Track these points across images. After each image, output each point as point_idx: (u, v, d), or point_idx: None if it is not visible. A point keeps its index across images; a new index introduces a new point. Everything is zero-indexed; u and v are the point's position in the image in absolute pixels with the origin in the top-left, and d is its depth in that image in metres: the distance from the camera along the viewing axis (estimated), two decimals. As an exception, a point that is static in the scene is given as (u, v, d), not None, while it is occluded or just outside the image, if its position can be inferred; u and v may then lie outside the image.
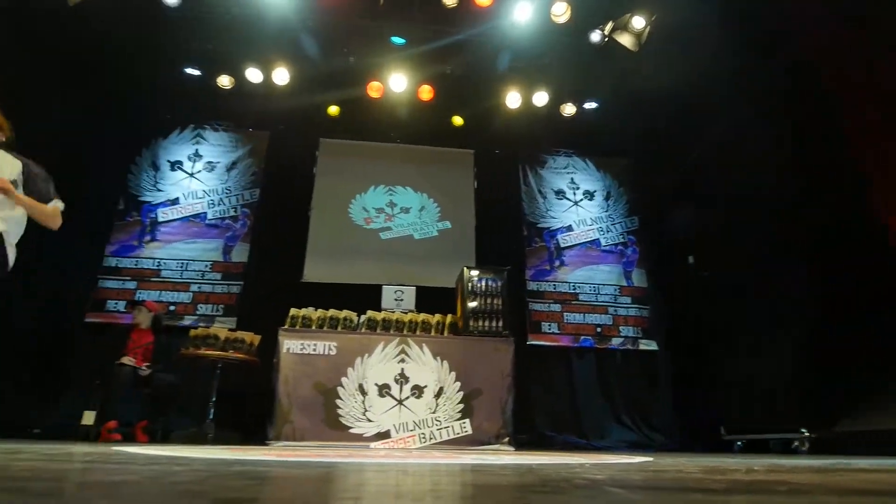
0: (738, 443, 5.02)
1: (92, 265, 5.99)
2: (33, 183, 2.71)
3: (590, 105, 6.92)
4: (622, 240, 7.00)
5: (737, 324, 5.47)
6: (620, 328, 6.48)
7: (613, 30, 5.96)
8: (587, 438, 5.84)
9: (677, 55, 5.67)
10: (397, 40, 6.12)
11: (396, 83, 6.39)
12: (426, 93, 6.62)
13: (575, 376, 6.24)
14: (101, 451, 2.18)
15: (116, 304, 5.86)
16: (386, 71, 6.38)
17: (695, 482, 1.06)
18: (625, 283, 6.74)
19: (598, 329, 6.45)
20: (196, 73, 6.34)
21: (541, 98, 6.66)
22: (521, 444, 4.78)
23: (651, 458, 2.70)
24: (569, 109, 6.90)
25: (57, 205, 2.77)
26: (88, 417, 4.43)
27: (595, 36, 6.00)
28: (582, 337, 6.41)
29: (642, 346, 6.43)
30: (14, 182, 2.67)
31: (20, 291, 5.63)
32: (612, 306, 6.59)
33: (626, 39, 5.97)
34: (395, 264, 6.45)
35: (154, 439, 4.62)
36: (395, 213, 6.89)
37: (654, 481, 1.11)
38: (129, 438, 4.42)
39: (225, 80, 6.42)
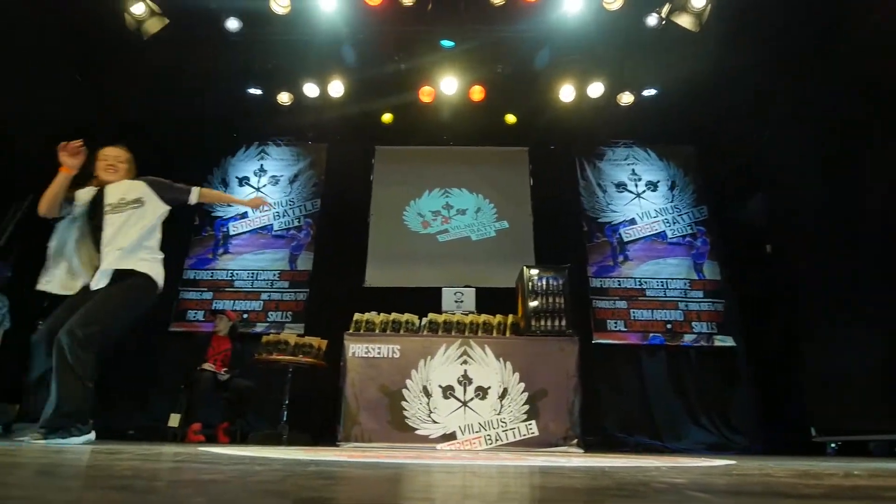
0: (832, 445, 4.63)
1: (174, 278, 6.44)
2: (165, 192, 3.02)
3: (649, 92, 6.63)
4: (690, 231, 6.65)
5: (826, 314, 5.03)
6: (693, 324, 6.15)
7: (671, 11, 5.68)
8: (661, 440, 5.59)
9: (742, 32, 5.33)
10: (446, 43, 6.15)
11: (447, 86, 6.43)
12: (477, 93, 6.61)
13: (645, 375, 5.99)
14: (188, 451, 2.33)
15: (196, 313, 6.27)
16: (437, 74, 6.44)
17: (787, 487, 0.98)
18: (695, 277, 6.40)
19: (669, 325, 6.16)
20: (258, 92, 6.67)
21: (596, 89, 6.46)
22: (590, 446, 4.64)
23: (734, 462, 2.54)
24: (626, 98, 6.64)
25: (197, 191, 3.18)
26: (175, 420, 4.76)
27: (651, 20, 5.75)
28: (651, 334, 6.14)
29: (718, 343, 6.07)
30: (139, 199, 2.91)
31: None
32: (682, 301, 6.26)
33: (685, 20, 5.67)
34: (453, 266, 6.47)
35: (234, 440, 4.89)
36: (452, 216, 6.92)
37: (741, 486, 1.03)
38: (212, 439, 4.70)
39: (284, 97, 6.71)
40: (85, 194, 2.92)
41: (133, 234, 2.83)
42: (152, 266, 2.91)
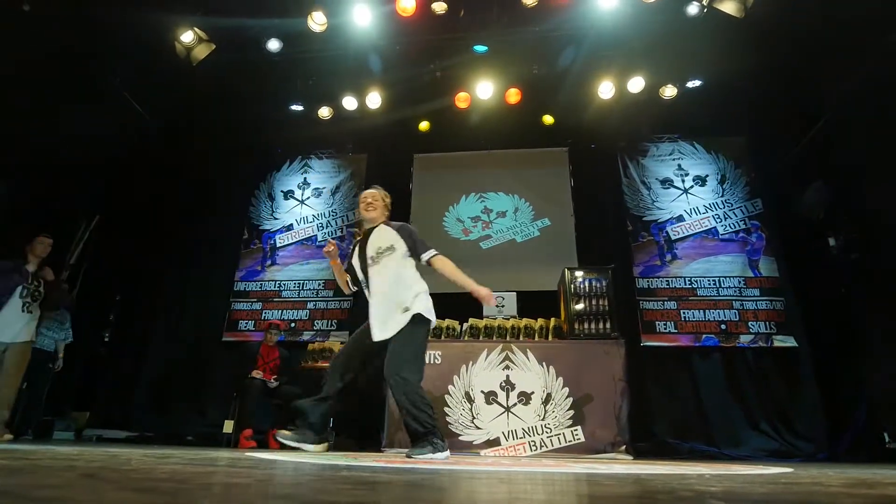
0: (910, 452, 4.26)
1: (227, 290, 6.75)
2: (410, 244, 3.07)
3: (693, 84, 6.38)
4: (744, 226, 6.30)
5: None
6: (749, 324, 5.82)
7: (713, -2, 5.46)
8: (717, 446, 5.31)
9: (791, 15, 5.06)
10: (480, 48, 6.16)
11: (483, 91, 6.43)
12: (513, 96, 6.57)
13: (699, 379, 5.71)
14: (234, 456, 2.42)
15: (247, 323, 6.53)
16: (472, 80, 6.45)
17: (825, 497, 0.91)
18: (751, 274, 6.05)
19: (723, 326, 5.85)
20: (299, 108, 6.91)
21: (636, 84, 6.27)
22: (640, 453, 4.49)
23: (790, 469, 2.38)
24: (669, 92, 6.42)
25: (432, 255, 3.06)
26: (229, 426, 4.97)
27: (692, 8, 5.54)
28: (704, 335, 5.86)
29: (778, 343, 5.71)
30: (390, 247, 3.02)
31: (178, 317, 6.56)
32: (737, 300, 5.94)
33: (728, 6, 5.42)
34: (493, 270, 6.43)
35: (283, 446, 5.04)
36: (493, 220, 6.89)
37: (777, 495, 0.96)
38: (263, 445, 4.87)
39: (325, 111, 6.91)
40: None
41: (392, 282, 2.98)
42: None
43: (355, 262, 3.11)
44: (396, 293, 2.93)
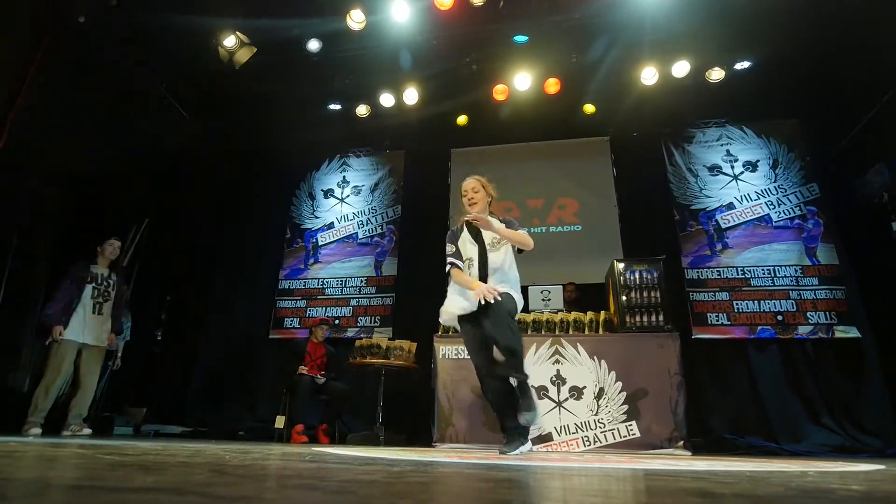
0: None
1: (272, 288, 6.87)
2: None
3: (741, 66, 6.13)
4: (799, 212, 6.03)
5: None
6: (808, 314, 5.58)
7: (763, -25, 5.23)
8: (777, 442, 5.11)
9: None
10: (520, 39, 6.06)
11: (521, 82, 6.33)
12: (552, 86, 6.45)
13: (755, 372, 5.51)
14: (306, 451, 2.44)
15: (292, 321, 6.63)
16: (509, 71, 6.36)
17: None
18: (808, 262, 5.80)
19: (779, 317, 5.63)
20: (337, 107, 6.94)
21: (681, 68, 6.07)
22: (697, 449, 4.35)
23: (882, 466, 2.25)
24: (716, 75, 6.19)
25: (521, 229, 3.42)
26: (280, 421, 5.05)
27: (741, -14, 5.32)
28: (759, 327, 5.65)
29: (839, 334, 5.46)
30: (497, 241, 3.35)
31: (226, 315, 6.71)
32: (794, 289, 5.70)
33: (780, -17, 5.19)
34: (538, 264, 6.33)
35: (333, 441, 5.10)
36: (534, 213, 6.80)
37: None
38: (314, 440, 4.93)
39: (362, 109, 6.92)
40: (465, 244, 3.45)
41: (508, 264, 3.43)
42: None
43: (471, 246, 3.42)
44: (511, 271, 3.44)
